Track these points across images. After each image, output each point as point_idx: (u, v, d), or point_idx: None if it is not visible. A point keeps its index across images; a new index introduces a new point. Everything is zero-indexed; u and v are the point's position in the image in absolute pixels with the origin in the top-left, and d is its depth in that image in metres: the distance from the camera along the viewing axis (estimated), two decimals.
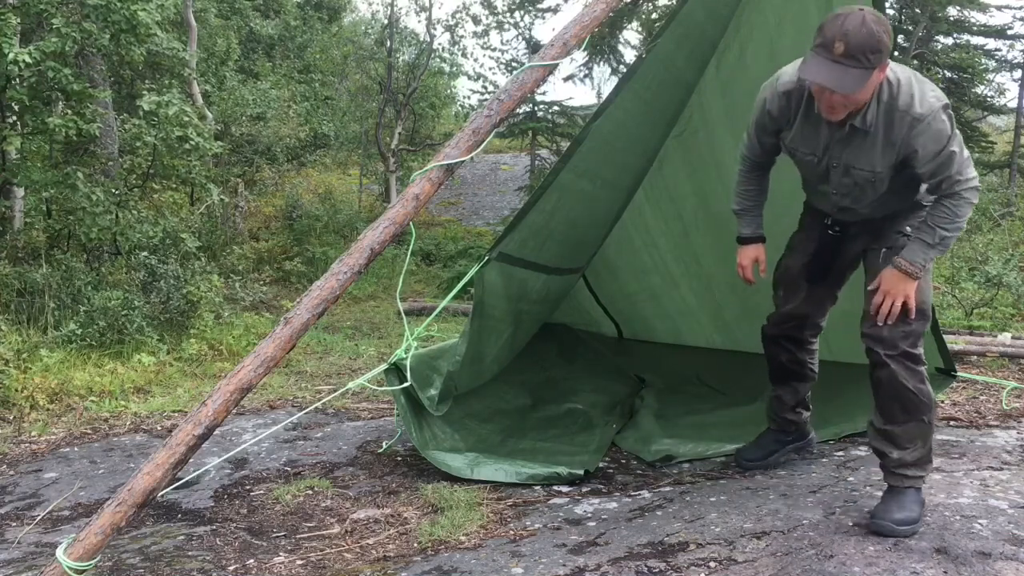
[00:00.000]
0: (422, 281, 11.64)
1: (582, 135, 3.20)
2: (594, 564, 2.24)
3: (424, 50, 16.09)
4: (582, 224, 4.02)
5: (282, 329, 2.39)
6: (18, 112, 6.84)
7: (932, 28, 14.84)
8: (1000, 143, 16.93)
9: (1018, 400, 4.23)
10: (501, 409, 3.75)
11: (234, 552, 2.51)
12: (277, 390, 4.98)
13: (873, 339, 2.47)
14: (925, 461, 2.47)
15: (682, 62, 3.56)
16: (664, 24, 3.18)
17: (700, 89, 3.86)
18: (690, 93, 3.88)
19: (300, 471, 3.31)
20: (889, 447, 2.46)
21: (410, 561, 2.36)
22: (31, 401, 4.48)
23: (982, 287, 7.56)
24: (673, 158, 4.23)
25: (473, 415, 3.40)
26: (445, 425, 3.27)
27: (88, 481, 3.30)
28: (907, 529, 2.34)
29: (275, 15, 16.26)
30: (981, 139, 15.70)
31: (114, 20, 6.63)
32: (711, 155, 4.06)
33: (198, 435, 2.23)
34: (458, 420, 3.30)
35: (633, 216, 4.56)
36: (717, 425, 3.66)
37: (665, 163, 4.27)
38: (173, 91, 7.52)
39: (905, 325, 2.44)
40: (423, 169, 2.64)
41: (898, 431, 2.45)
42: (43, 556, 2.53)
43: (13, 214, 7.61)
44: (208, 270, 6.92)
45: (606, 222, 4.45)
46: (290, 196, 13.12)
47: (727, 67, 3.76)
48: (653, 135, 4.01)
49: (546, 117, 15.29)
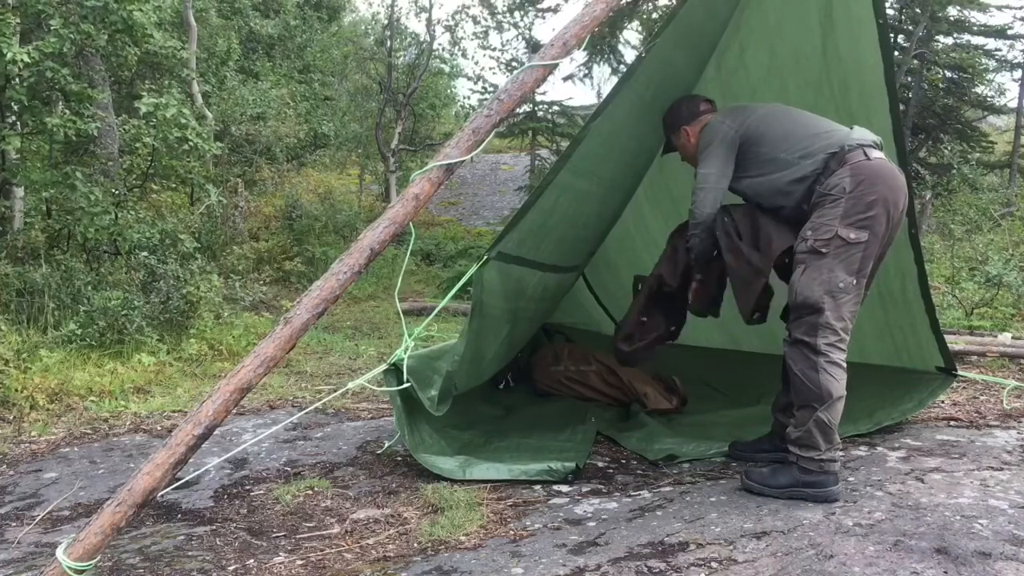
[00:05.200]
0: (422, 281, 11.65)
1: (582, 135, 3.20)
2: (594, 564, 2.24)
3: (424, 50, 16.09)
4: (581, 223, 4.02)
5: (282, 329, 2.39)
6: (17, 112, 6.85)
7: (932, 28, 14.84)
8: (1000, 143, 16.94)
9: (1018, 400, 4.23)
10: (477, 419, 3.80)
11: (234, 552, 2.51)
12: (277, 390, 4.97)
13: (785, 327, 2.85)
14: (807, 444, 2.68)
15: (682, 62, 3.56)
16: (664, 24, 3.17)
17: (700, 89, 3.85)
18: (690, 93, 3.87)
19: (300, 471, 3.31)
20: (789, 422, 2.80)
21: (410, 561, 2.36)
22: (31, 401, 4.47)
23: (982, 287, 7.56)
24: (673, 158, 4.22)
25: (452, 425, 3.43)
26: (432, 431, 3.28)
27: (88, 481, 3.29)
28: (754, 486, 2.75)
29: (275, 15, 16.26)
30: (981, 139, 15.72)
31: (111, 21, 6.64)
32: None
33: (198, 435, 2.23)
34: (440, 429, 3.32)
35: (633, 215, 4.56)
36: (719, 425, 3.66)
37: (665, 163, 4.26)
38: (173, 91, 7.52)
39: (798, 318, 2.73)
40: (423, 169, 2.64)
41: (795, 412, 2.75)
42: (43, 556, 2.53)
43: (13, 214, 7.61)
44: (208, 270, 6.92)
45: (605, 221, 4.44)
46: (290, 196, 13.13)
47: (727, 67, 3.76)
48: (653, 135, 4.00)
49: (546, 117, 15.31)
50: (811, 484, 2.66)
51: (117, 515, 2.12)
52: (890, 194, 2.71)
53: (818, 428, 2.66)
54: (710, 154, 2.98)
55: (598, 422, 3.82)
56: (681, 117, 3.21)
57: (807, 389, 2.67)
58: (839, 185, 2.70)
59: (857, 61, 3.31)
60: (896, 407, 3.63)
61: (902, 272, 3.59)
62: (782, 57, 3.57)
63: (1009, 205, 13.03)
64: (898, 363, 3.93)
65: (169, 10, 8.94)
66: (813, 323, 2.68)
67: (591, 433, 3.62)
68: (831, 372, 2.67)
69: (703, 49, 3.65)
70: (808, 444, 2.67)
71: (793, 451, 2.71)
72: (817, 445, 2.66)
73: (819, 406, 2.65)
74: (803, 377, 2.68)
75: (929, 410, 3.85)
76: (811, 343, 2.68)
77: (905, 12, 14.83)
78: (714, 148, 2.98)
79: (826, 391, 2.65)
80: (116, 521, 2.12)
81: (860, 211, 2.68)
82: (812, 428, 2.66)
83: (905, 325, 3.79)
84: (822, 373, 2.66)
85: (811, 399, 2.66)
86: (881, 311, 3.82)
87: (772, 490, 2.71)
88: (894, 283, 3.66)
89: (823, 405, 2.65)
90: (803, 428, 2.68)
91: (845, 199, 2.69)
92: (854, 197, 2.68)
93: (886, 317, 3.84)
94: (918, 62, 14.75)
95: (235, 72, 13.67)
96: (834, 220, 2.68)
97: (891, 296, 3.72)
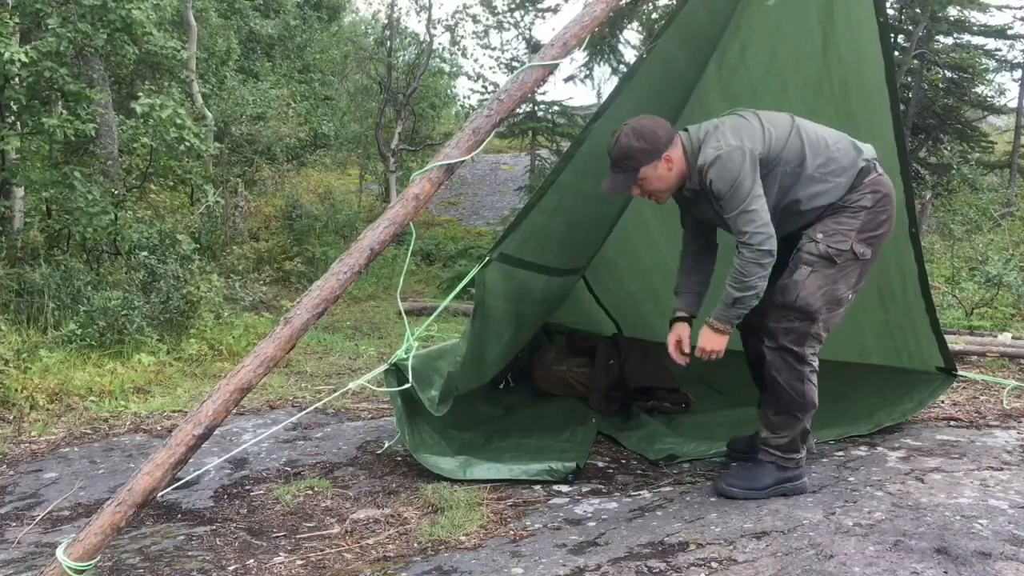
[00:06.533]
0: (422, 281, 11.65)
1: (583, 135, 3.19)
2: (594, 564, 2.24)
3: (424, 50, 16.08)
4: (583, 224, 4.02)
5: (282, 329, 2.39)
6: (16, 112, 6.85)
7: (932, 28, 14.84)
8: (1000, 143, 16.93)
9: (1018, 400, 4.23)
10: (477, 419, 3.80)
11: (234, 552, 2.51)
12: (277, 390, 4.97)
13: (762, 329, 2.77)
14: (791, 449, 2.73)
15: (683, 62, 3.56)
16: (665, 24, 3.17)
17: (700, 89, 3.85)
18: (690, 93, 3.87)
19: (300, 471, 3.31)
20: (763, 427, 2.79)
21: (410, 561, 2.36)
22: (31, 401, 4.47)
23: (982, 287, 7.56)
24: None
25: (453, 425, 3.43)
26: (432, 431, 3.28)
27: (88, 481, 3.29)
28: (739, 492, 2.71)
29: (275, 15, 16.25)
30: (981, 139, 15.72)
31: (110, 20, 6.63)
32: None
33: (198, 435, 2.23)
34: (440, 430, 3.32)
35: (633, 216, 4.55)
36: (720, 425, 3.66)
37: None
38: (172, 92, 7.52)
39: (788, 322, 2.67)
40: (423, 169, 2.63)
41: (772, 417, 2.75)
42: (43, 556, 2.53)
43: (13, 214, 7.61)
44: (208, 270, 6.91)
45: (607, 222, 4.44)
46: (290, 196, 13.12)
47: (727, 67, 3.76)
48: None
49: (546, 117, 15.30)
50: (790, 480, 2.75)
51: (117, 515, 2.12)
52: (895, 215, 2.76)
53: (801, 435, 2.74)
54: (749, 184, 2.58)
55: (598, 422, 3.82)
56: (660, 142, 2.69)
57: (791, 398, 2.70)
58: (860, 201, 2.69)
59: (857, 61, 3.31)
60: (896, 407, 3.63)
61: (902, 272, 3.58)
62: (782, 57, 3.56)
63: (1009, 205, 13.03)
64: (898, 363, 3.93)
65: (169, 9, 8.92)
66: (804, 332, 2.68)
67: (591, 433, 3.63)
68: (814, 381, 2.72)
69: (704, 49, 3.65)
70: (792, 449, 2.74)
71: (775, 454, 2.75)
72: (798, 449, 2.75)
73: (802, 415, 2.72)
74: (788, 387, 2.69)
75: (929, 410, 3.85)
76: (798, 352, 2.68)
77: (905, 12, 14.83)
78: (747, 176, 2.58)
79: (810, 401, 2.72)
80: (116, 521, 2.12)
81: (872, 228, 2.70)
82: (796, 436, 2.73)
83: (905, 325, 3.79)
84: (807, 383, 2.70)
85: (794, 408, 2.71)
86: (881, 311, 3.82)
87: (758, 492, 2.72)
88: (894, 283, 3.66)
89: (806, 415, 2.72)
90: (788, 436, 2.73)
91: (864, 213, 2.68)
92: (872, 213, 2.69)
93: (886, 317, 3.84)
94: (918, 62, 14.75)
95: (235, 72, 13.66)
96: (851, 232, 2.67)
97: (891, 296, 3.72)
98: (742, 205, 2.57)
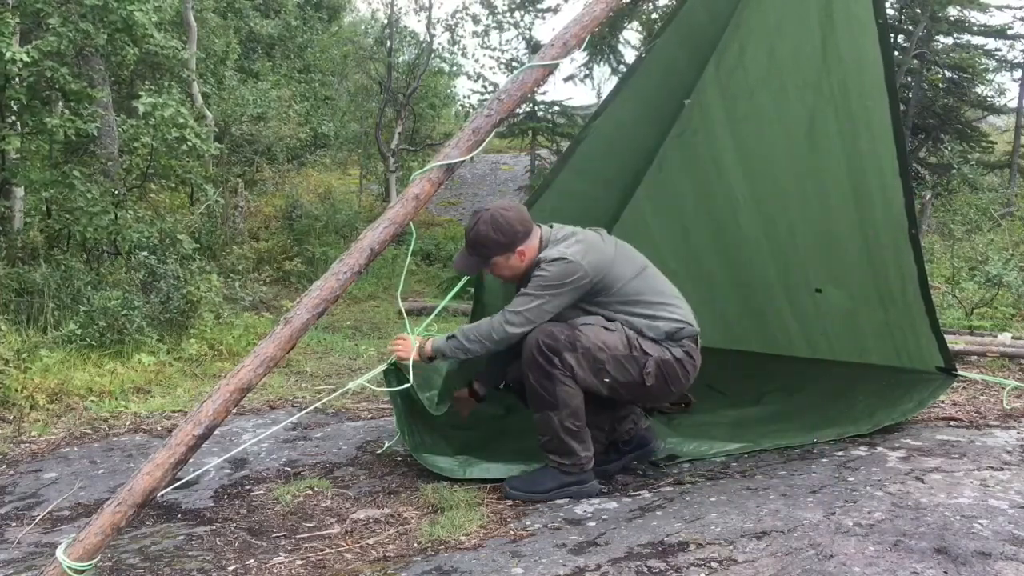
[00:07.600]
0: (422, 281, 11.65)
1: (582, 135, 3.20)
2: (594, 564, 2.24)
3: (424, 50, 16.08)
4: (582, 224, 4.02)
5: (282, 329, 2.39)
6: (17, 112, 6.85)
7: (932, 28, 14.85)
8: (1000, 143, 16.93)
9: (1018, 400, 4.23)
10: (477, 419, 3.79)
11: (234, 552, 2.51)
12: (277, 390, 4.97)
13: None
14: (559, 451, 2.83)
15: (683, 62, 3.56)
16: (665, 23, 3.17)
17: (700, 89, 3.85)
18: (690, 93, 3.87)
19: (300, 471, 3.31)
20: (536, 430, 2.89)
21: (410, 561, 2.36)
22: (31, 401, 4.47)
23: (982, 287, 7.56)
24: (673, 158, 4.22)
25: (453, 425, 3.42)
26: (432, 431, 3.28)
27: (88, 481, 3.29)
28: (521, 494, 2.84)
29: (275, 15, 16.26)
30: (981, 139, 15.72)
31: (111, 20, 6.63)
32: (711, 155, 4.06)
33: (198, 435, 2.23)
34: (440, 429, 3.32)
35: (633, 216, 4.56)
36: (720, 425, 3.67)
37: (665, 163, 4.26)
38: (173, 91, 7.52)
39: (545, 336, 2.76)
40: (423, 169, 2.64)
41: (536, 417, 2.85)
42: (43, 556, 2.53)
43: (13, 214, 7.61)
44: (208, 270, 6.91)
45: (606, 222, 4.44)
46: (290, 196, 13.13)
47: (727, 67, 3.76)
48: (653, 135, 4.00)
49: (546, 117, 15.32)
50: (575, 483, 2.85)
51: (117, 515, 2.12)
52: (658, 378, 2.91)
53: (572, 437, 2.82)
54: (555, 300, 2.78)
55: None
56: (516, 236, 2.80)
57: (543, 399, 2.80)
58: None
59: (857, 61, 3.30)
60: (896, 407, 3.63)
61: (902, 272, 3.58)
62: (781, 57, 3.56)
63: (1009, 205, 13.03)
64: (898, 363, 3.93)
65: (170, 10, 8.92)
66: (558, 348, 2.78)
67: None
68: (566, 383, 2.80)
69: (704, 49, 3.65)
70: (563, 452, 2.83)
71: (550, 458, 2.86)
72: (574, 451, 2.84)
73: (556, 415, 2.80)
74: (538, 387, 2.80)
75: (929, 410, 3.85)
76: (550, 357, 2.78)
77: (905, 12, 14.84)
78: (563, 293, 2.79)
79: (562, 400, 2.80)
80: (116, 521, 2.12)
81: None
82: (560, 438, 2.81)
83: (905, 325, 3.79)
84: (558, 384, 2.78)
85: (546, 406, 2.81)
86: (881, 311, 3.82)
87: (539, 495, 2.84)
88: (894, 283, 3.66)
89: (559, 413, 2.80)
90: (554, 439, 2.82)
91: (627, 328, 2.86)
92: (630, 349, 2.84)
93: (886, 317, 3.84)
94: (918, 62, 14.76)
95: (234, 72, 13.66)
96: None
97: (891, 296, 3.72)
98: (537, 301, 2.76)
